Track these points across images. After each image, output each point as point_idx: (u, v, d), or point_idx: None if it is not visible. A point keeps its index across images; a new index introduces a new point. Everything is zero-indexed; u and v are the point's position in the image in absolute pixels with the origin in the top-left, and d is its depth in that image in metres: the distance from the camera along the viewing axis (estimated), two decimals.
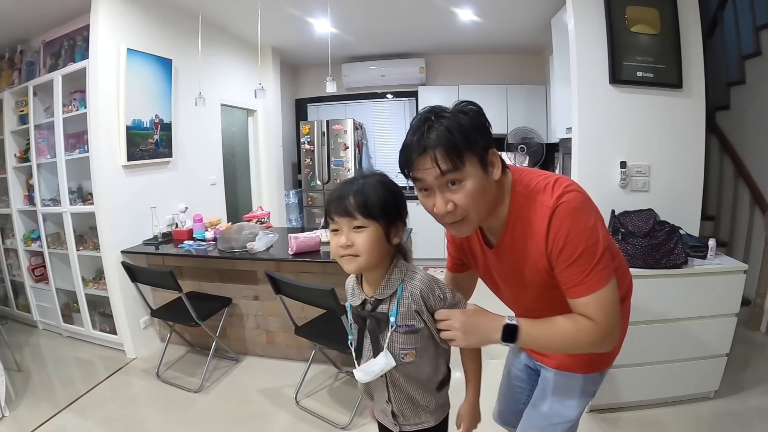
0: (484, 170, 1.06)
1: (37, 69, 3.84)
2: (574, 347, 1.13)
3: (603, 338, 1.07)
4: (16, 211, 4.00)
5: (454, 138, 1.01)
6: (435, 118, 1.04)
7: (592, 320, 1.05)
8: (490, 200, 1.11)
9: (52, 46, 3.76)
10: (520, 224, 1.13)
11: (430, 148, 1.02)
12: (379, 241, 1.12)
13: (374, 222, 1.11)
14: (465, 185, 1.04)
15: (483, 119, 1.09)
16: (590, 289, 1.04)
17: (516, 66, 5.85)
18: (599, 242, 1.05)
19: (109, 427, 2.68)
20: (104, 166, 3.28)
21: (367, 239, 1.10)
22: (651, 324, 2.35)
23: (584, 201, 1.08)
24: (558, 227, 1.05)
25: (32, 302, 4.10)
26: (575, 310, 1.08)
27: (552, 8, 3.71)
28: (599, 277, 1.04)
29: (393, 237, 1.16)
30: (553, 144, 5.10)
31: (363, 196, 1.11)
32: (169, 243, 3.56)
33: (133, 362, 3.43)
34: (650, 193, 2.65)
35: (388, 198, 1.13)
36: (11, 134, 3.95)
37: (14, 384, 3.01)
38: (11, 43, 4.05)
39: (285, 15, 4.18)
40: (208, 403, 2.88)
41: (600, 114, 2.66)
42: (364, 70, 6.05)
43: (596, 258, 1.04)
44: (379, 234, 1.12)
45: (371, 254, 1.11)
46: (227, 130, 4.95)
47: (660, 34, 2.63)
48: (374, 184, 1.14)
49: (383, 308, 1.19)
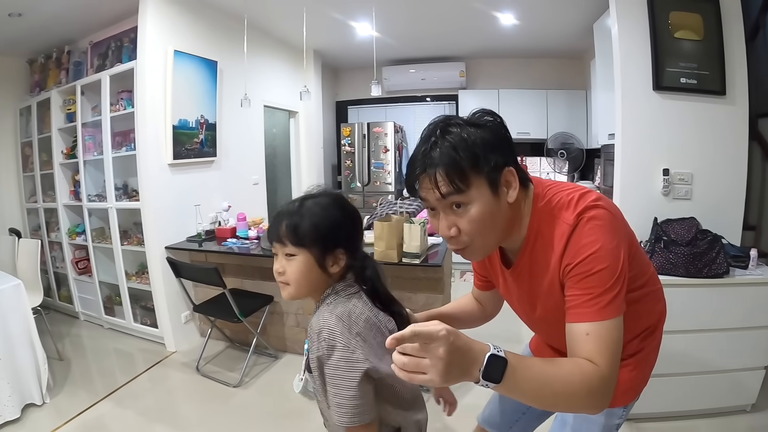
0: (494, 193, 0.94)
1: (85, 69, 3.97)
2: (571, 394, 0.84)
3: (603, 385, 0.85)
4: (62, 206, 4.13)
5: (457, 157, 0.90)
6: (441, 132, 0.94)
7: (593, 362, 0.85)
8: (502, 225, 0.99)
9: (99, 47, 3.89)
10: (540, 243, 1.02)
11: (431, 168, 0.92)
12: (310, 271, 1.04)
13: (304, 250, 1.03)
14: (470, 209, 0.93)
15: (501, 133, 0.97)
16: (594, 316, 0.89)
17: (556, 70, 5.80)
18: (618, 267, 0.91)
19: (147, 417, 2.74)
20: (150, 164, 3.38)
21: (296, 268, 1.04)
22: (690, 333, 2.33)
23: (610, 219, 0.95)
24: (576, 243, 0.93)
25: (75, 294, 4.23)
26: (572, 344, 0.91)
27: (594, 12, 3.70)
28: (607, 304, 0.89)
29: (331, 265, 1.06)
30: (593, 150, 5.05)
31: (295, 222, 1.03)
32: (212, 240, 3.65)
33: (173, 356, 3.52)
34: (692, 201, 2.62)
35: (325, 223, 1.04)
36: (58, 131, 4.08)
37: (55, 372, 3.11)
38: (59, 44, 4.19)
39: (328, 19, 4.25)
40: (247, 397, 2.93)
41: (643, 121, 2.64)
42: (404, 73, 6.10)
43: (610, 282, 0.90)
44: (310, 263, 1.03)
45: (300, 284, 1.05)
46: (269, 131, 5.05)
47: (703, 40, 2.59)
48: (311, 208, 1.05)
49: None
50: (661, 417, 2.49)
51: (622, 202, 2.70)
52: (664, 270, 2.30)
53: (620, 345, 0.90)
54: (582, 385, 0.83)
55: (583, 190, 1.01)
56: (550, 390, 0.82)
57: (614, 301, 0.90)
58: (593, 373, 0.84)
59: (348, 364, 0.97)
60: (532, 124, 5.69)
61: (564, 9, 4.05)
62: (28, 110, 4.41)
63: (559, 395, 0.84)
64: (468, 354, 0.76)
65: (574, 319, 0.91)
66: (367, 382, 0.98)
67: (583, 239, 0.92)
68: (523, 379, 0.79)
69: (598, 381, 0.84)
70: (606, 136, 3.43)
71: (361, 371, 0.96)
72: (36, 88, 4.44)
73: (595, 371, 0.84)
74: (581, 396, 0.84)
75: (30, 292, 2.90)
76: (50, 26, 3.79)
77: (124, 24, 3.63)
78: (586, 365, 0.85)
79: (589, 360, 0.86)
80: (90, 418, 2.71)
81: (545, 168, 5.99)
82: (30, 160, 4.50)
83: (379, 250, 2.77)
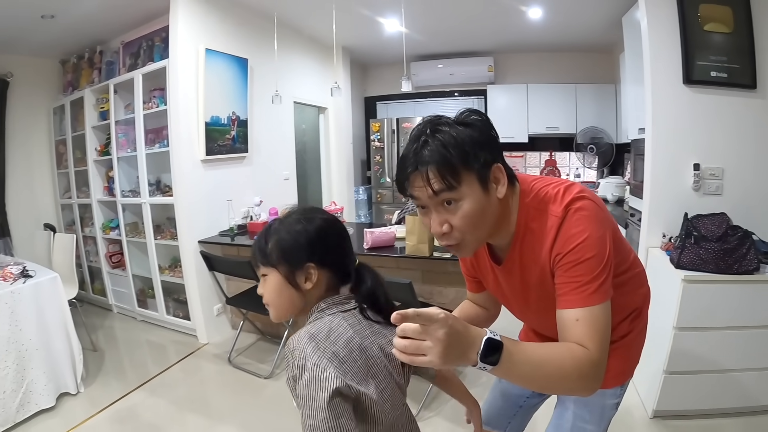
0: (485, 189, 0.96)
1: (117, 68, 4.07)
2: (563, 376, 0.88)
3: (594, 368, 0.89)
4: (96, 201, 4.25)
5: (448, 155, 0.92)
6: (431, 131, 0.95)
7: (583, 346, 0.90)
8: (492, 221, 1.02)
9: (131, 47, 3.98)
10: (529, 237, 1.05)
11: (422, 165, 0.93)
12: (282, 290, 1.01)
13: (273, 269, 1.01)
14: (461, 206, 0.95)
15: (488, 131, 0.99)
16: (584, 302, 0.93)
17: (585, 64, 5.73)
18: (605, 255, 0.96)
19: (179, 407, 2.80)
20: (183, 160, 3.45)
21: (270, 288, 1.02)
22: (719, 330, 2.31)
23: (596, 209, 0.99)
24: (565, 234, 0.97)
25: (108, 287, 4.36)
26: (563, 330, 0.95)
27: (623, 5, 3.65)
28: (595, 290, 0.93)
29: (304, 282, 1.01)
30: (623, 144, 4.98)
31: (261, 243, 1.03)
32: (244, 234, 3.70)
33: (205, 347, 3.60)
34: (723, 197, 2.59)
35: (287, 238, 1.01)
36: (92, 129, 4.18)
37: (88, 363, 3.19)
38: (91, 44, 4.30)
39: (356, 15, 4.27)
40: (278, 389, 2.97)
41: (673, 115, 2.62)
42: (432, 68, 6.07)
43: (597, 270, 0.94)
44: (280, 281, 1.00)
45: (277, 304, 1.03)
46: (298, 127, 5.11)
47: (733, 33, 2.55)
48: (276, 227, 1.04)
49: None
50: (687, 414, 2.47)
51: (653, 197, 2.69)
52: (694, 266, 2.28)
53: (609, 329, 0.94)
54: (573, 369, 0.87)
55: (567, 183, 1.05)
56: (543, 372, 0.87)
57: (602, 287, 0.94)
58: (584, 356, 0.88)
59: (318, 383, 0.88)
60: (561, 118, 5.65)
61: (592, 2, 4.02)
62: (62, 109, 4.53)
63: (552, 377, 0.88)
64: (466, 337, 0.78)
65: (564, 305, 0.95)
66: (341, 401, 0.89)
67: (572, 229, 0.96)
68: (518, 361, 0.82)
69: (588, 364, 0.88)
70: (636, 130, 3.39)
71: (330, 390, 0.87)
72: (69, 87, 4.56)
73: (586, 355, 0.88)
74: (573, 378, 0.88)
75: (66, 285, 3.00)
76: (82, 27, 3.88)
77: (155, 24, 3.71)
78: (577, 349, 0.89)
79: (579, 344, 0.90)
80: (123, 408, 2.79)
81: (574, 163, 5.93)
82: (64, 157, 4.63)
83: (411, 245, 2.80)
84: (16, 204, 4.50)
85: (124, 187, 4.02)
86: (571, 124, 5.62)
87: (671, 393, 2.40)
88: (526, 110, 5.81)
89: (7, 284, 2.62)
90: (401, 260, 2.79)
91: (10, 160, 4.43)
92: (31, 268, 2.84)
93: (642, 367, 2.64)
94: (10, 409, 2.51)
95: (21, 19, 3.58)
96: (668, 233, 2.64)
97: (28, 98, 4.52)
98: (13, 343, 2.54)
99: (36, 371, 2.64)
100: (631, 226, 3.31)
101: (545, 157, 6.12)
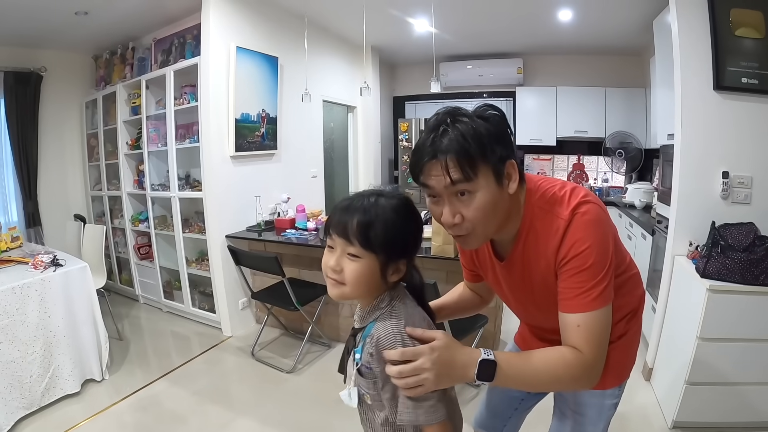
0: (499, 183, 0.97)
1: (149, 64, 4.16)
2: (557, 381, 1.01)
3: (587, 372, 0.98)
4: (126, 194, 4.35)
5: (468, 145, 0.92)
6: (451, 121, 0.96)
7: (578, 350, 0.97)
8: (502, 215, 1.03)
9: (162, 44, 4.06)
10: (533, 236, 1.06)
11: (441, 154, 0.93)
12: (371, 276, 0.97)
13: (371, 254, 0.95)
14: (475, 197, 0.96)
15: (504, 127, 1.00)
16: (586, 307, 0.98)
17: (614, 68, 5.66)
18: (608, 260, 1.00)
19: (201, 397, 2.84)
20: (213, 156, 3.51)
21: (358, 271, 0.95)
22: (744, 342, 2.26)
23: (601, 214, 1.02)
24: (571, 238, 0.99)
25: (135, 278, 4.46)
26: (564, 332, 1.01)
27: (654, 9, 3.59)
28: (598, 295, 0.98)
29: (391, 274, 0.99)
30: (652, 150, 4.90)
31: (367, 222, 0.94)
32: (271, 230, 3.75)
33: (229, 340, 3.65)
34: (752, 206, 2.53)
35: (397, 231, 0.97)
36: (124, 123, 4.28)
37: (114, 351, 3.27)
38: (123, 41, 4.40)
39: (386, 15, 4.29)
40: (300, 383, 3.01)
41: (703, 121, 2.57)
42: (461, 69, 6.05)
43: (601, 275, 0.98)
44: (374, 269, 0.96)
45: (358, 287, 0.97)
46: (326, 126, 5.15)
47: (765, 39, 2.48)
48: (386, 210, 0.96)
49: (358, 339, 1.06)
50: (707, 426, 2.42)
51: (680, 204, 2.65)
52: (719, 275, 2.24)
53: (608, 331, 1.01)
54: (565, 374, 0.97)
55: (572, 185, 1.07)
56: (537, 380, 1.01)
57: (604, 292, 0.99)
58: (576, 362, 0.96)
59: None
60: (589, 122, 5.60)
61: (623, 5, 3.97)
62: (94, 103, 4.65)
63: (546, 383, 1.03)
64: (458, 362, 0.94)
65: (567, 310, 1.00)
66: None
67: (578, 233, 0.99)
68: (512, 375, 0.96)
69: (580, 369, 0.97)
70: (665, 136, 3.33)
71: None
72: (101, 82, 4.67)
73: (578, 360, 0.97)
74: (566, 382, 1.01)
75: (94, 275, 3.07)
76: (115, 24, 3.97)
77: (187, 21, 3.78)
78: (569, 355, 0.97)
79: (576, 347, 0.97)
80: (146, 396, 2.85)
81: (602, 167, 5.84)
82: (95, 150, 4.75)
83: (436, 245, 2.80)
84: (48, 194, 4.63)
85: (153, 180, 4.10)
86: (599, 128, 5.56)
87: (692, 404, 2.36)
88: (554, 113, 5.76)
89: (38, 272, 2.69)
90: (426, 260, 2.81)
91: (43, 152, 4.55)
92: (62, 257, 2.91)
93: (664, 376, 2.64)
94: (36, 392, 2.58)
95: (55, 16, 3.66)
96: (695, 241, 2.59)
97: (61, 92, 4.65)
98: (41, 330, 2.60)
99: (63, 357, 2.71)
100: (657, 233, 3.27)
101: (573, 161, 6.05)
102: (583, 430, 1.29)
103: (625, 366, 1.28)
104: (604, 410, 1.28)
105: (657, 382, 2.80)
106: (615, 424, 1.32)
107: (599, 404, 1.27)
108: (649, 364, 2.92)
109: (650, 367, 2.90)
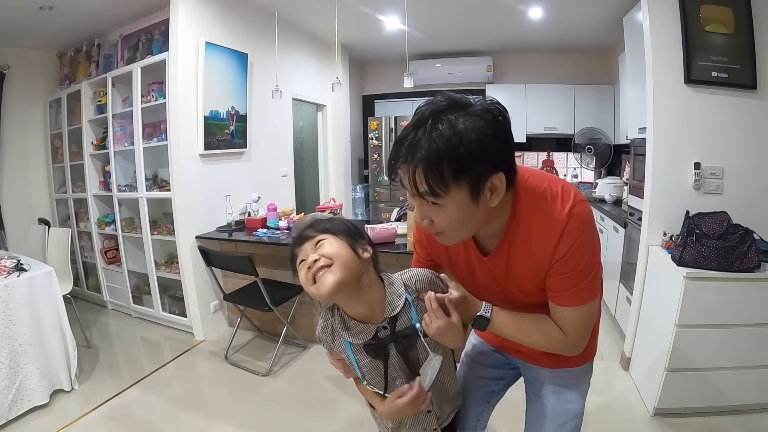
0: (474, 200, 0.90)
1: (115, 61, 4.03)
2: (537, 346, 1.13)
3: (566, 349, 1.09)
4: (92, 196, 4.20)
5: (440, 162, 0.84)
6: (433, 121, 0.86)
7: (563, 332, 1.06)
8: (477, 224, 0.99)
9: (129, 40, 3.94)
10: (522, 232, 1.03)
11: (412, 162, 0.86)
12: (351, 253, 1.04)
13: (335, 236, 1.06)
14: (445, 210, 0.91)
15: (504, 133, 0.90)
16: (577, 302, 1.03)
17: (583, 65, 5.78)
18: (599, 258, 1.05)
19: (175, 404, 2.76)
20: (182, 154, 3.41)
21: (338, 248, 1.03)
22: (720, 328, 2.31)
23: (591, 213, 1.03)
24: (568, 241, 0.97)
25: (103, 283, 4.31)
26: (553, 316, 1.07)
27: (623, 6, 3.67)
28: (588, 291, 1.02)
29: (362, 252, 1.08)
30: (621, 145, 5.03)
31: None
32: (242, 230, 3.68)
33: (202, 344, 3.55)
34: (723, 196, 2.61)
35: (351, 225, 1.13)
36: (89, 123, 4.14)
37: (83, 360, 3.15)
38: (89, 37, 4.25)
39: (357, 13, 4.26)
40: (277, 386, 2.95)
41: (674, 114, 2.64)
42: (430, 67, 6.07)
43: (592, 273, 1.01)
44: (347, 248, 1.05)
45: (346, 266, 1.02)
46: (296, 124, 5.10)
47: (734, 34, 2.58)
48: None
49: (402, 323, 1.10)
50: (688, 412, 2.47)
51: (654, 195, 2.71)
52: (695, 263, 2.29)
53: (593, 321, 1.09)
54: (546, 346, 1.10)
55: (562, 182, 1.03)
56: (521, 340, 1.12)
57: (595, 287, 1.04)
58: (559, 342, 1.07)
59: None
60: (559, 119, 5.71)
61: (593, 3, 4.04)
62: (58, 102, 4.49)
63: (529, 344, 1.13)
64: (467, 311, 1.09)
65: (558, 302, 1.05)
66: None
67: (574, 236, 0.98)
68: (503, 332, 1.10)
69: (560, 346, 1.08)
70: (636, 130, 3.42)
71: None
72: (66, 80, 4.51)
73: (562, 341, 1.07)
74: (545, 349, 1.12)
75: (60, 280, 2.94)
76: (81, 19, 3.84)
77: (155, 17, 3.68)
78: (556, 334, 1.06)
79: (561, 329, 1.06)
80: (118, 405, 2.75)
81: (572, 163, 5.97)
82: (60, 151, 4.58)
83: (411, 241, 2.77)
84: (11, 198, 4.45)
85: (120, 181, 3.98)
86: (569, 125, 5.67)
87: (672, 390, 2.40)
88: (524, 110, 5.83)
89: (1, 278, 2.57)
90: (401, 257, 2.79)
91: (5, 154, 4.38)
92: (26, 261, 2.79)
93: (643, 365, 2.68)
94: (3, 405, 2.46)
95: (19, 11, 3.53)
96: (669, 231, 2.65)
97: (24, 91, 4.47)
98: (6, 338, 2.49)
99: (29, 367, 2.60)
100: (630, 226, 3.31)
101: (543, 157, 6.15)
102: (567, 409, 1.29)
103: (596, 342, 1.33)
104: (583, 385, 1.33)
105: (635, 371, 2.85)
106: (597, 414, 1.30)
107: (578, 380, 1.32)
108: (626, 354, 2.97)
109: (628, 356, 2.95)
